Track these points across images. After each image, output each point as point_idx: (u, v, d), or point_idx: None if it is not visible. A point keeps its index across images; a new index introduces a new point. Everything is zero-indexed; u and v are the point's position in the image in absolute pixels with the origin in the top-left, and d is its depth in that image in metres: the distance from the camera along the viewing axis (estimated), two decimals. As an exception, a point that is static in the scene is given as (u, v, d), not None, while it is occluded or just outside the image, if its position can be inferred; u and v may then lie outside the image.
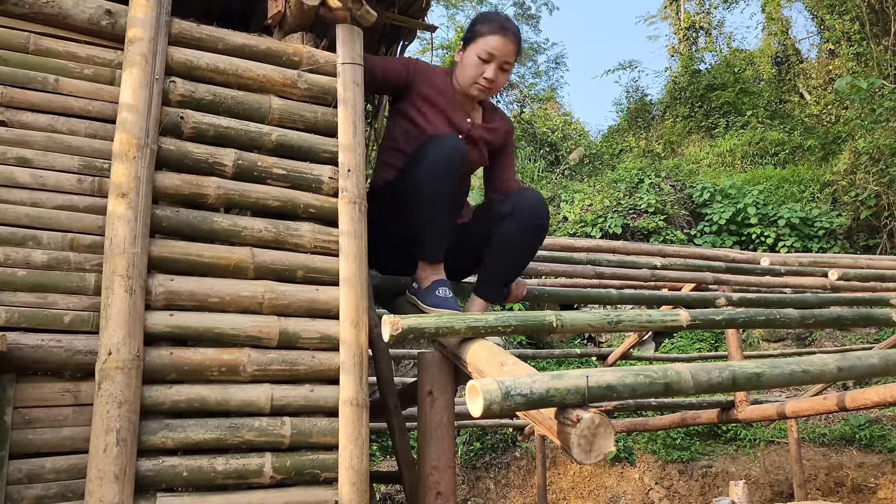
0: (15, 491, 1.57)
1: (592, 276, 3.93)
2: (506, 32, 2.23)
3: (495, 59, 2.22)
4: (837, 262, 5.18)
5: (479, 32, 2.24)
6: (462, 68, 2.27)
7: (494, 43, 2.21)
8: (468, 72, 2.24)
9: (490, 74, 2.23)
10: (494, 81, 2.25)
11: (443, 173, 2.08)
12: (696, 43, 18.00)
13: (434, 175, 2.07)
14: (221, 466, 1.66)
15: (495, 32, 2.22)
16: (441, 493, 1.85)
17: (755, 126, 14.24)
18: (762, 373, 1.48)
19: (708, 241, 9.89)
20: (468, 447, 7.09)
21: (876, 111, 10.46)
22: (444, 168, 2.07)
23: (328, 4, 1.94)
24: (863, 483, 6.72)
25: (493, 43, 2.21)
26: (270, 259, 1.85)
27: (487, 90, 2.27)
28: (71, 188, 1.79)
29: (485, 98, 2.36)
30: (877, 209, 10.30)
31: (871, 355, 1.69)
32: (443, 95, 2.29)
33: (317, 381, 1.83)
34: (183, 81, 1.85)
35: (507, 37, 2.23)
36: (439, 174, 2.07)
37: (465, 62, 2.26)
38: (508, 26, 2.26)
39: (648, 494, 6.92)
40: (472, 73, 2.24)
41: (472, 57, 2.23)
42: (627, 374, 1.35)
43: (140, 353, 1.62)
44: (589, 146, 14.28)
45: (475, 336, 1.75)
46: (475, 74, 2.23)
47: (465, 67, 2.26)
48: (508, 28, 2.25)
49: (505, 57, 2.23)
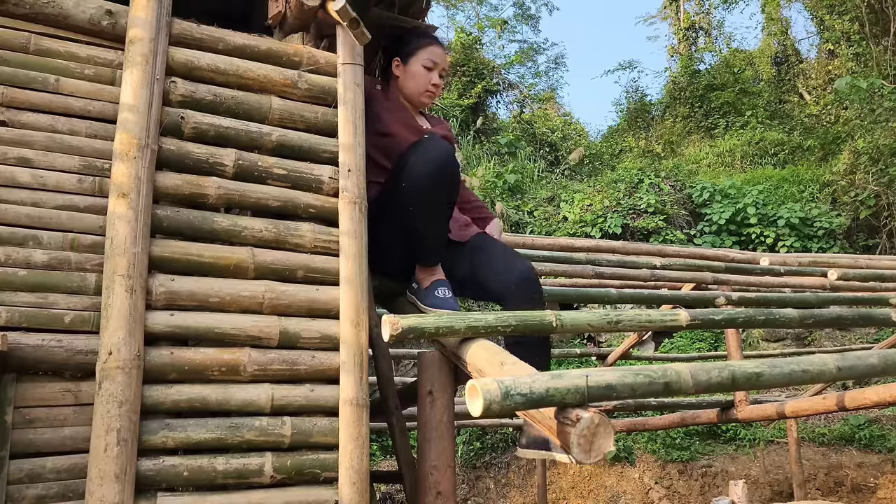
0: (16, 490, 1.58)
1: (592, 276, 3.93)
2: (440, 42, 2.46)
3: (437, 67, 2.41)
4: (837, 262, 5.19)
5: (417, 45, 2.41)
6: (409, 80, 2.40)
7: (436, 51, 2.42)
8: (417, 81, 2.39)
9: (437, 80, 2.41)
10: (439, 86, 2.44)
11: (440, 172, 2.08)
12: (696, 43, 18.01)
13: (432, 176, 2.07)
14: (222, 466, 1.67)
15: (434, 43, 2.43)
16: (441, 493, 1.85)
17: (755, 126, 14.25)
18: (762, 372, 1.49)
19: (708, 241, 9.90)
20: (468, 447, 7.10)
21: (875, 111, 10.47)
22: (441, 167, 2.08)
23: (328, 10, 1.94)
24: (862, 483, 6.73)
25: (436, 52, 2.41)
26: (271, 259, 1.85)
27: (435, 95, 2.44)
28: (71, 188, 1.79)
29: (430, 105, 2.52)
30: (876, 209, 10.31)
31: (871, 355, 1.69)
32: (397, 107, 2.41)
33: (317, 380, 1.83)
34: (183, 82, 1.85)
35: (444, 47, 2.48)
36: (437, 175, 2.08)
37: (412, 73, 2.40)
38: (440, 37, 2.50)
39: (648, 494, 6.92)
40: (421, 81, 2.39)
41: (418, 67, 2.39)
42: (627, 374, 1.35)
43: (140, 352, 1.63)
44: (589, 146, 14.28)
45: (475, 336, 1.75)
46: (424, 83, 2.39)
47: (412, 77, 2.40)
48: (440, 39, 2.49)
49: (444, 64, 2.44)
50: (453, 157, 2.13)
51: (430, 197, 2.09)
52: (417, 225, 2.11)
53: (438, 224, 2.16)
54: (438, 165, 2.07)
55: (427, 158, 2.07)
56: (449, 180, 2.11)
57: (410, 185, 2.08)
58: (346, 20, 1.88)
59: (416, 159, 2.09)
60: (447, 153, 2.10)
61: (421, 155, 2.09)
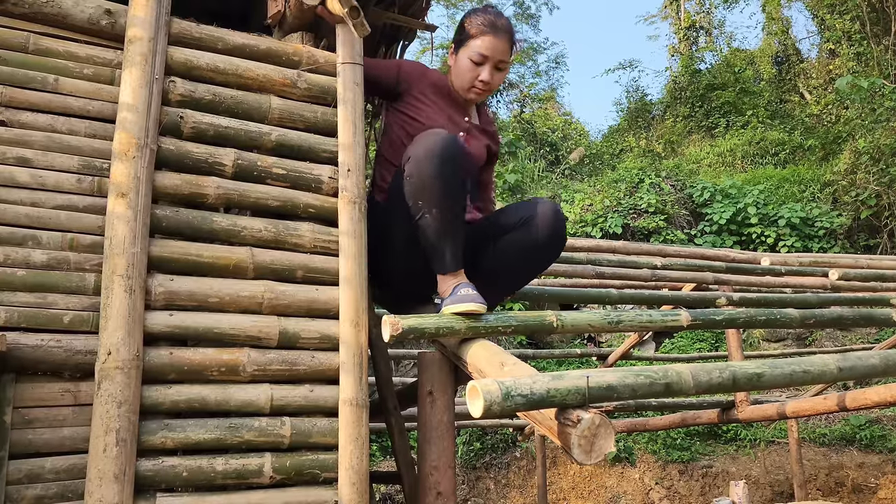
0: (15, 491, 1.57)
1: (592, 276, 3.93)
2: (497, 31, 2.14)
3: (489, 61, 2.15)
4: (838, 261, 5.19)
5: (469, 34, 2.16)
6: (457, 72, 2.20)
7: (486, 44, 2.13)
8: (464, 76, 2.18)
9: (485, 76, 2.16)
10: (490, 83, 2.18)
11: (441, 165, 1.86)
12: (697, 43, 18.01)
13: (434, 171, 1.85)
14: (221, 466, 1.66)
15: (486, 33, 2.13)
16: (441, 493, 1.84)
17: (755, 126, 14.25)
18: (762, 373, 1.48)
19: (708, 240, 9.90)
20: (468, 447, 7.09)
21: (876, 111, 10.47)
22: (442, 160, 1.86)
23: (327, 7, 1.93)
24: (863, 483, 6.72)
25: (485, 44, 2.13)
26: (270, 259, 1.85)
27: (484, 92, 2.20)
28: (70, 188, 1.78)
29: (482, 100, 2.31)
30: (877, 209, 10.31)
31: (872, 355, 1.69)
32: (440, 93, 2.23)
33: (317, 381, 1.83)
34: (183, 81, 1.85)
35: (499, 35, 2.14)
36: (439, 169, 1.85)
37: (459, 66, 2.19)
38: (499, 23, 2.15)
39: (649, 494, 6.91)
40: (467, 76, 2.17)
41: (465, 61, 2.16)
42: (628, 375, 1.35)
43: (140, 353, 1.62)
44: (589, 146, 14.28)
45: (475, 336, 1.75)
46: (471, 78, 2.17)
47: (459, 71, 2.19)
48: (499, 26, 2.15)
49: (499, 56, 2.15)
50: (454, 140, 1.91)
51: (437, 181, 1.85)
52: (429, 221, 1.88)
53: (450, 215, 1.88)
54: (439, 148, 1.86)
55: (428, 143, 1.89)
56: (451, 163, 1.87)
57: (416, 172, 1.88)
58: (347, 7, 1.86)
59: (415, 149, 1.90)
60: (446, 137, 1.89)
61: (421, 143, 1.91)
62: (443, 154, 1.86)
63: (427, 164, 1.86)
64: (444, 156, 1.86)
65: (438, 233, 1.88)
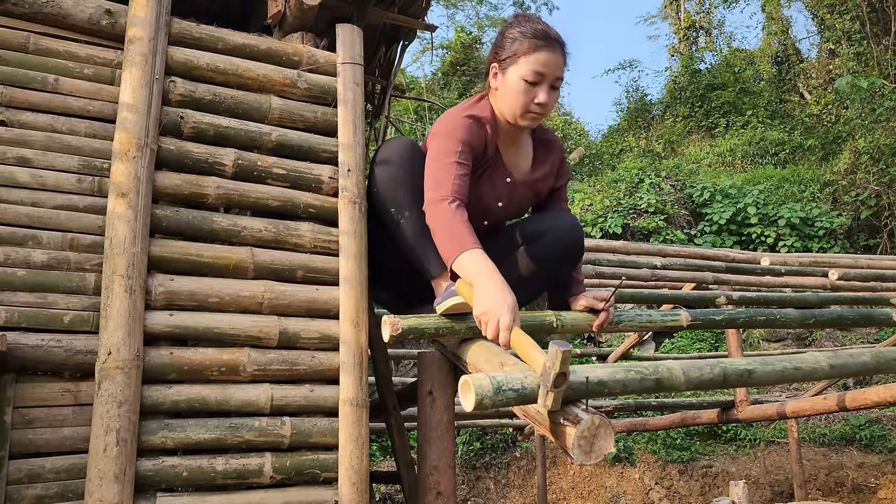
0: (15, 491, 1.57)
1: (592, 276, 3.93)
2: (552, 44, 1.83)
3: (546, 79, 1.82)
4: (838, 261, 5.20)
5: (520, 49, 1.83)
6: (506, 96, 1.86)
7: (543, 59, 1.81)
8: (516, 99, 1.83)
9: (543, 98, 1.82)
10: (548, 105, 1.84)
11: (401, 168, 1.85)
12: (697, 43, 18.01)
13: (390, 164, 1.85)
14: (221, 466, 1.66)
15: (541, 47, 1.81)
16: (441, 493, 1.84)
17: (755, 126, 14.25)
18: (753, 369, 1.48)
19: (708, 240, 9.90)
20: (468, 447, 7.09)
21: (876, 111, 10.47)
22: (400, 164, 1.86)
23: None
24: (863, 483, 6.72)
25: (541, 59, 1.81)
26: (270, 259, 1.85)
27: (540, 116, 1.87)
28: (71, 188, 1.79)
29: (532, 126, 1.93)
30: (877, 209, 10.32)
31: (863, 353, 1.70)
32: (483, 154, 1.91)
33: (317, 380, 1.83)
34: (183, 81, 1.85)
35: (556, 49, 1.83)
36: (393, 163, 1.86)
37: (510, 88, 1.84)
38: (552, 34, 1.85)
39: (648, 494, 6.91)
40: (521, 99, 1.83)
41: (518, 81, 1.82)
42: (618, 371, 1.35)
43: (140, 352, 1.62)
44: (589, 146, 14.28)
45: (475, 336, 1.75)
46: (526, 102, 1.83)
47: (509, 94, 1.85)
48: (553, 37, 1.85)
49: (557, 73, 1.84)
50: (408, 144, 1.89)
51: (396, 185, 1.83)
52: (405, 226, 1.84)
53: (417, 215, 1.81)
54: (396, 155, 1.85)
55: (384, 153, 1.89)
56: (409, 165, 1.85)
57: (377, 188, 1.87)
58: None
59: (374, 162, 1.90)
60: (401, 143, 1.89)
61: (379, 152, 1.91)
62: (400, 160, 1.86)
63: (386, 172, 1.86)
64: (402, 160, 1.86)
65: (416, 236, 1.83)
